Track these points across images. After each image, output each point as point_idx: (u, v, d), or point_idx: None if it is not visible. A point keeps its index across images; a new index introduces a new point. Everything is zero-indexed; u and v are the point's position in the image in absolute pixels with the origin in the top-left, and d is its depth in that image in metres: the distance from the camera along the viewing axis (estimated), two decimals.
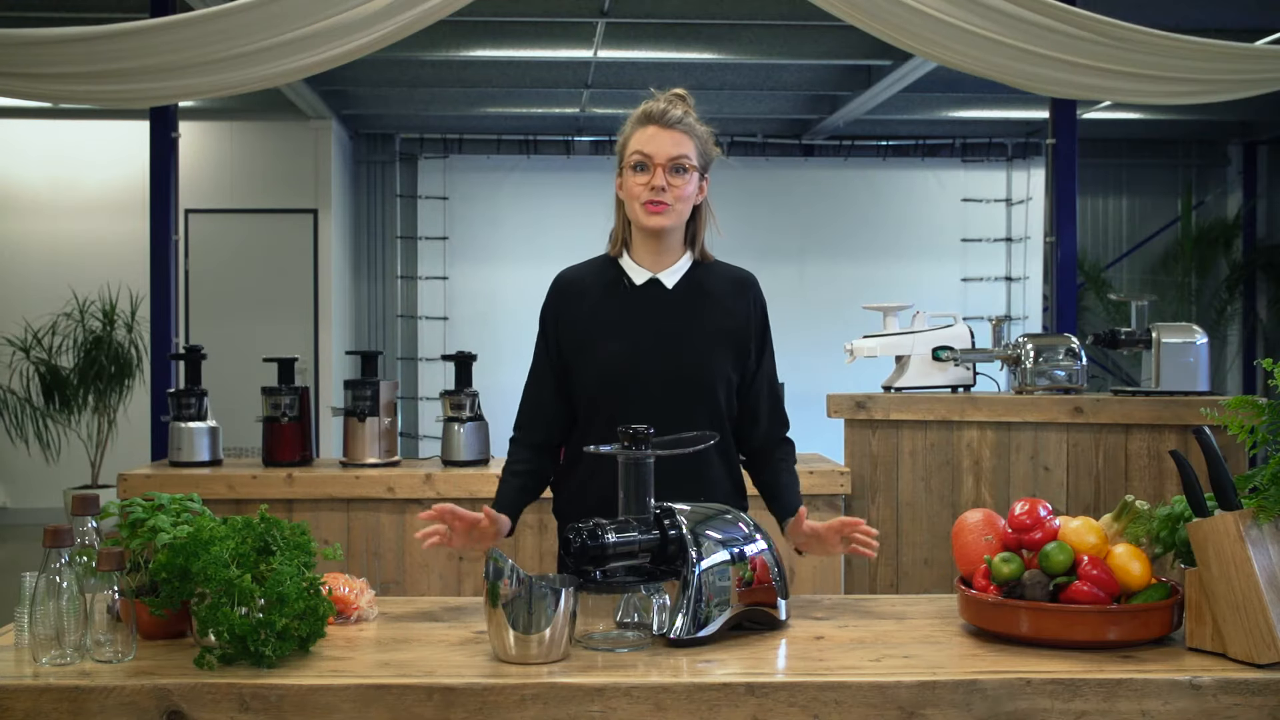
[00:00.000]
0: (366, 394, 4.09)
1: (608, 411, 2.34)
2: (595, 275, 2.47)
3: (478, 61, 8.29)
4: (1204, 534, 1.84)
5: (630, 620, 2.00)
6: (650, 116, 2.40)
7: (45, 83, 4.51)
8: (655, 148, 2.36)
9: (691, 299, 2.42)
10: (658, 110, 2.40)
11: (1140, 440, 4.04)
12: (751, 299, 2.49)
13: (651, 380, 2.36)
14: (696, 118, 2.44)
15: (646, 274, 2.43)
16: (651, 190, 2.36)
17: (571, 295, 2.46)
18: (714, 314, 2.42)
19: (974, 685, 1.74)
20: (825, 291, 10.51)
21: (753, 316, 2.47)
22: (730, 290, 2.46)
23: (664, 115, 2.38)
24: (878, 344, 4.34)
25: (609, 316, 2.41)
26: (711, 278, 2.47)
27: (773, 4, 7.09)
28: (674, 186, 2.36)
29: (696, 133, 2.41)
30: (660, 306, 2.41)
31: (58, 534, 1.81)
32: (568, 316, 2.44)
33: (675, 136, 2.38)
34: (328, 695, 1.71)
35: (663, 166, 2.36)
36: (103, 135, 9.19)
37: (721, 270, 2.50)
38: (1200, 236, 10.57)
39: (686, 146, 2.38)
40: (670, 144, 2.37)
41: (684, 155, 2.37)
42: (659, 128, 2.38)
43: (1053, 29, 4.41)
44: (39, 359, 7.78)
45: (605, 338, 2.39)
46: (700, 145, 2.41)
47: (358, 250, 10.53)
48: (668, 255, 2.44)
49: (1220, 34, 5.34)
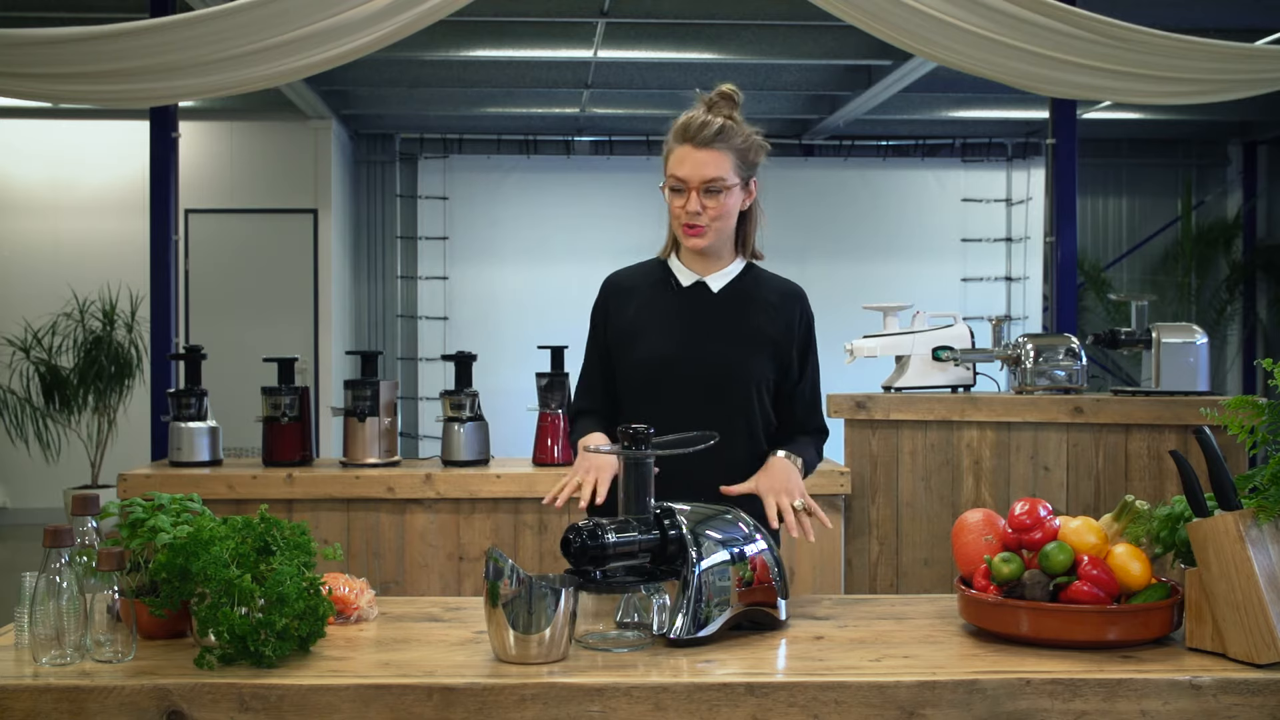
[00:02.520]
0: (366, 394, 4.09)
1: (645, 408, 2.35)
2: (645, 276, 2.50)
3: (478, 61, 8.30)
4: (1204, 534, 1.84)
5: (630, 620, 2.00)
6: (686, 132, 2.35)
7: (45, 83, 4.51)
8: (688, 170, 2.33)
9: (736, 303, 2.43)
10: (694, 126, 2.34)
11: (1140, 440, 4.03)
12: (799, 311, 2.49)
13: (687, 379, 2.37)
14: (740, 120, 2.38)
15: (694, 276, 2.45)
16: (688, 214, 2.35)
17: (621, 294, 2.49)
18: (756, 319, 2.43)
19: (974, 685, 1.74)
20: (825, 291, 10.40)
21: (796, 328, 2.48)
22: (776, 300, 2.47)
23: (698, 133, 2.33)
24: (878, 344, 4.34)
25: (652, 314, 2.43)
26: (759, 286, 2.48)
27: (773, 4, 7.09)
28: (709, 208, 2.35)
29: (734, 145, 2.35)
30: (703, 308, 2.42)
31: (58, 534, 1.81)
32: (616, 313, 2.47)
33: (709, 156, 2.33)
34: (328, 695, 1.71)
35: (696, 190, 2.33)
36: (103, 135, 9.19)
37: (771, 281, 2.51)
38: (1200, 236, 10.57)
39: (721, 165, 2.34)
40: (704, 166, 2.32)
41: (718, 177, 2.33)
42: (692, 147, 2.33)
43: (1053, 29, 4.41)
44: (39, 359, 7.78)
45: (647, 334, 2.41)
46: (739, 157, 2.36)
47: (358, 250, 10.53)
48: (717, 261, 2.46)
49: (1220, 34, 5.34)
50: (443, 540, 3.98)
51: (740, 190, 2.39)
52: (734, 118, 2.38)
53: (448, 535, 3.98)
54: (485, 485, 3.95)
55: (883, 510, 4.17)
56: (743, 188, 2.40)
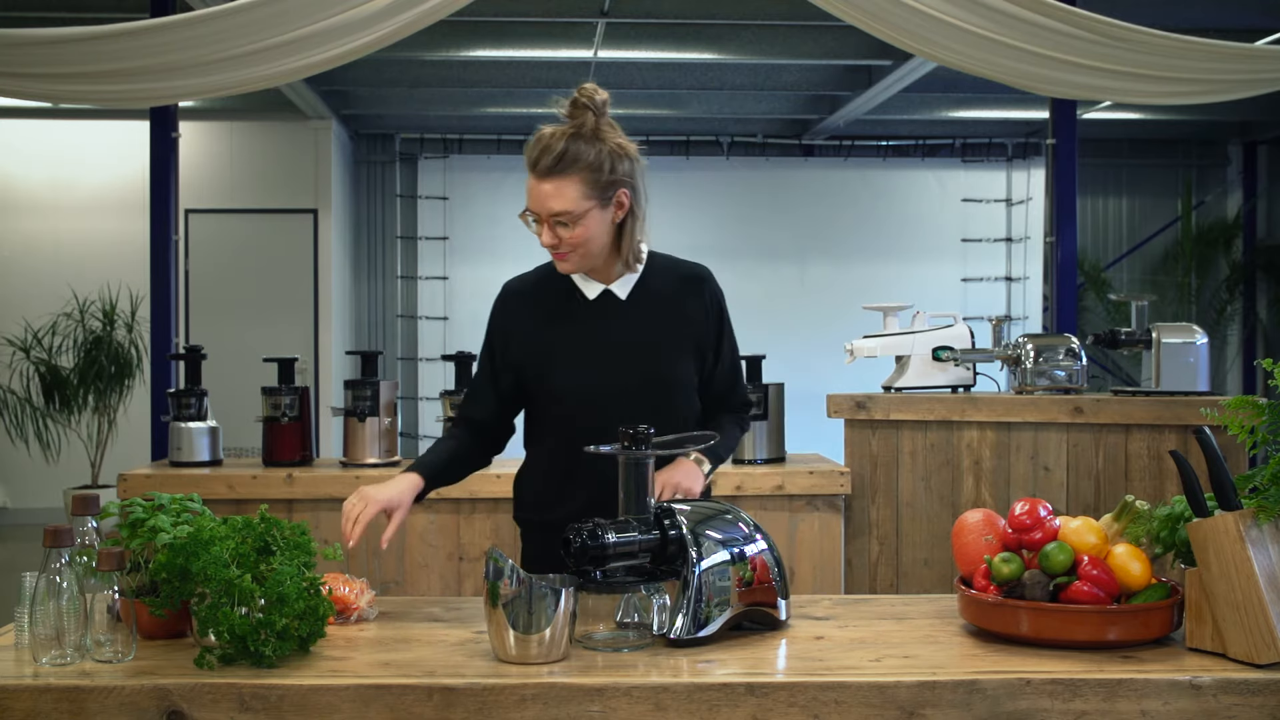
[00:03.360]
0: (366, 394, 4.09)
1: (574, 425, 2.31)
2: (545, 286, 2.38)
3: (478, 61, 8.30)
4: (1204, 534, 1.84)
5: (630, 620, 2.00)
6: (529, 160, 2.21)
7: (45, 83, 4.51)
8: (534, 203, 2.22)
9: (647, 307, 2.35)
10: (534, 154, 2.20)
11: (1140, 440, 4.03)
12: (707, 295, 2.41)
13: (616, 394, 2.30)
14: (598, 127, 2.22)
15: (599, 286, 2.35)
16: (546, 245, 2.26)
17: (522, 309, 2.39)
18: (671, 319, 2.36)
19: (974, 685, 1.74)
20: (825, 291, 10.51)
21: (710, 312, 2.40)
22: (684, 289, 2.39)
23: (537, 162, 2.19)
24: (878, 344, 4.34)
25: (565, 333, 2.34)
26: (664, 279, 2.38)
27: (773, 4, 7.09)
28: (565, 239, 2.23)
29: (583, 165, 2.19)
30: (616, 320, 2.34)
31: (58, 534, 1.81)
32: (520, 332, 2.37)
33: (551, 188, 2.19)
34: (328, 695, 1.71)
35: (547, 223, 2.22)
36: (103, 135, 9.19)
37: (674, 268, 2.41)
38: (1200, 236, 10.57)
39: (566, 196, 2.18)
40: (547, 199, 2.20)
41: (564, 211, 2.19)
42: (535, 179, 2.21)
43: (1053, 29, 4.41)
44: (39, 359, 7.78)
45: (565, 356, 2.33)
46: (590, 178, 2.19)
47: (358, 250, 10.54)
48: (609, 270, 2.35)
49: (1220, 34, 5.34)
50: (443, 540, 3.98)
51: (600, 211, 2.22)
52: (584, 130, 2.21)
53: (448, 535, 3.98)
54: (485, 485, 3.95)
55: (883, 510, 4.17)
56: (603, 207, 2.23)
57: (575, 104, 2.24)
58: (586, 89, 2.25)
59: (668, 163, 10.51)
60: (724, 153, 10.67)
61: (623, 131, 2.30)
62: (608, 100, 2.26)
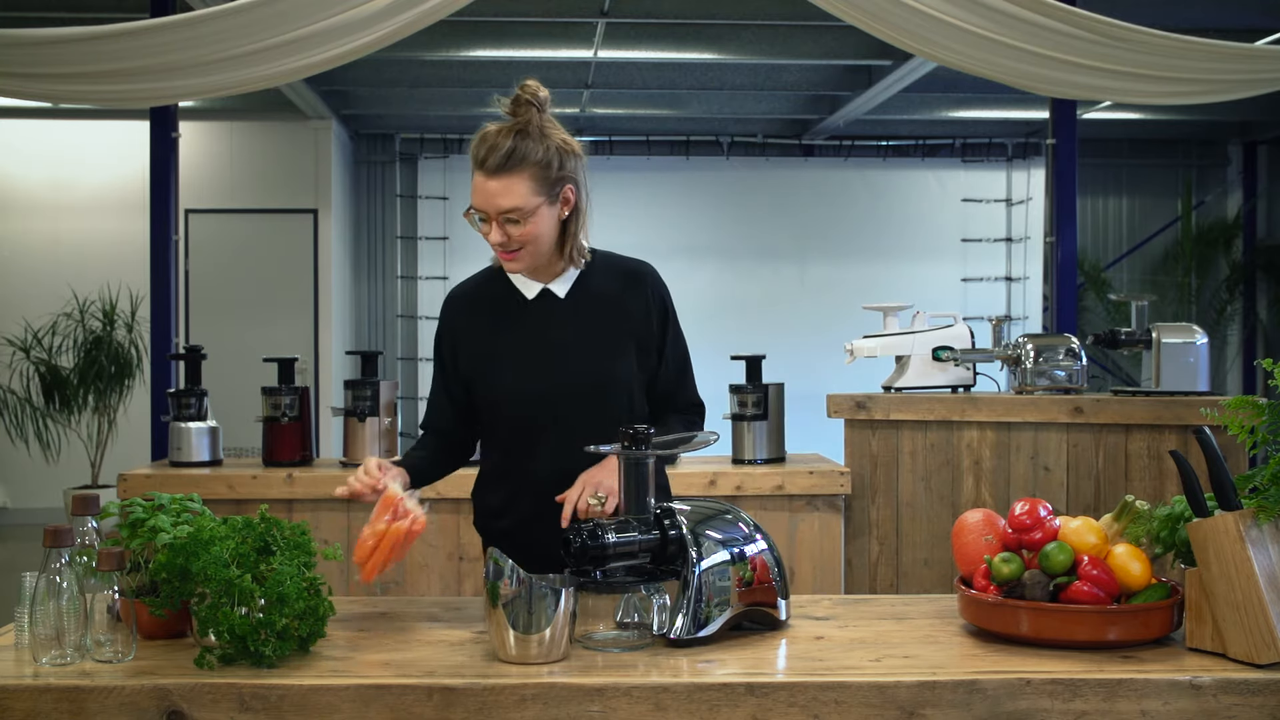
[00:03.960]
0: (366, 394, 4.10)
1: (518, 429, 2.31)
2: (486, 291, 2.38)
3: (478, 61, 8.30)
4: (1204, 534, 1.84)
5: (630, 620, 2.00)
6: (476, 158, 2.19)
7: (45, 83, 4.51)
8: (482, 201, 2.20)
9: (586, 306, 2.33)
10: (481, 152, 2.18)
11: (1140, 440, 4.03)
12: (649, 291, 2.38)
13: (557, 396, 2.29)
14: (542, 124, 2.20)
15: (537, 286, 2.34)
16: (495, 244, 2.23)
17: (464, 316, 2.38)
18: (611, 317, 2.34)
19: (974, 685, 1.74)
20: (825, 291, 10.52)
21: (653, 308, 2.38)
22: (625, 286, 2.36)
23: (485, 160, 2.18)
24: (878, 344, 4.34)
25: (505, 337, 2.33)
26: (605, 276, 2.36)
27: (773, 4, 7.09)
28: (515, 236, 2.21)
29: (531, 163, 2.18)
30: (555, 319, 2.32)
31: (58, 534, 1.81)
32: (465, 339, 2.36)
33: (500, 186, 2.17)
34: (328, 695, 1.71)
35: (496, 221, 2.20)
36: (103, 135, 9.19)
37: (615, 265, 2.39)
38: (1200, 236, 10.57)
39: (515, 193, 2.17)
40: (496, 196, 2.18)
41: (514, 208, 2.18)
42: (483, 176, 2.18)
43: (1053, 29, 4.41)
44: (39, 359, 7.78)
45: (505, 359, 2.32)
46: (539, 175, 2.19)
47: (358, 250, 10.54)
48: (549, 269, 2.33)
49: (1220, 34, 5.34)
50: (443, 540, 3.98)
51: (548, 208, 2.22)
52: (530, 127, 2.19)
53: (448, 535, 3.99)
54: None
55: (883, 510, 4.17)
56: (551, 204, 2.23)
57: (518, 101, 2.22)
58: (529, 86, 2.22)
59: (668, 163, 10.52)
60: (724, 153, 10.67)
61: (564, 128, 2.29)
62: (549, 98, 2.25)
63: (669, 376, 2.42)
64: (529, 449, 2.30)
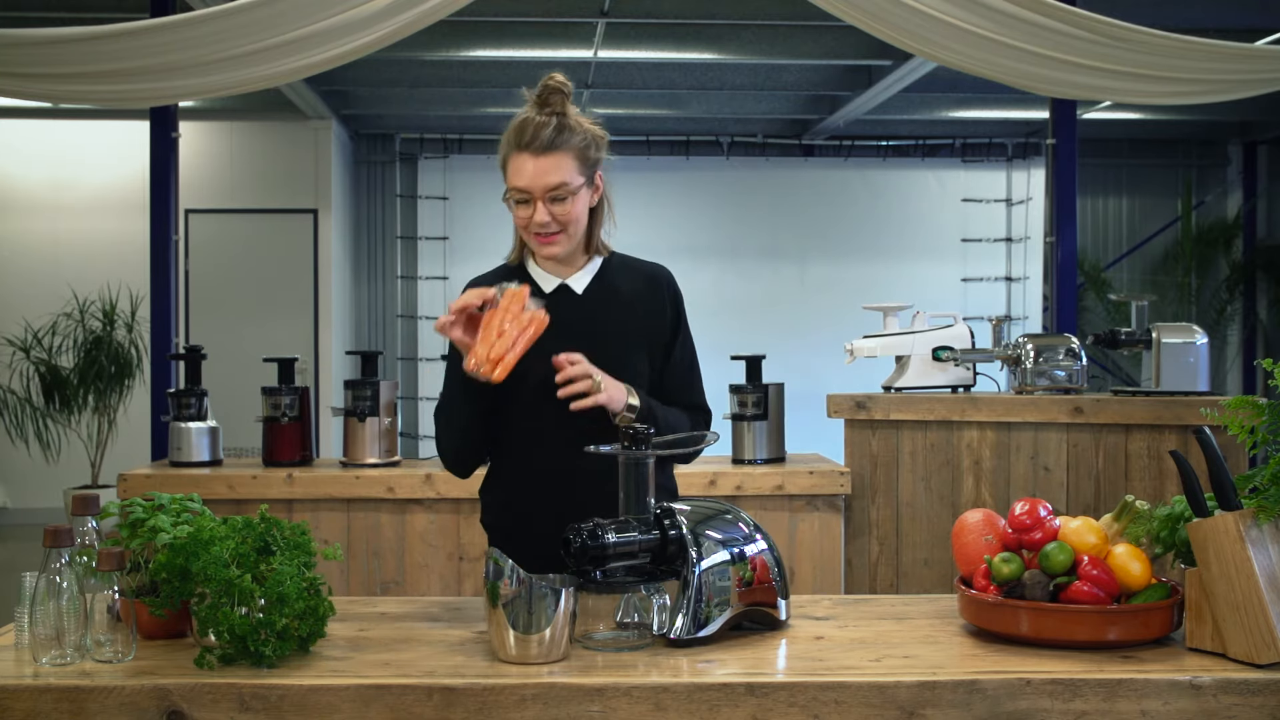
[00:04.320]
0: (366, 394, 4.10)
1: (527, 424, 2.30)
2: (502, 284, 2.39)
3: (478, 61, 8.30)
4: (1204, 534, 1.84)
5: (630, 620, 2.00)
6: (521, 139, 2.25)
7: (45, 83, 4.51)
8: (529, 180, 2.24)
9: (603, 302, 2.36)
10: (528, 132, 2.24)
11: (1140, 440, 4.03)
12: (666, 294, 2.41)
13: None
14: (577, 114, 2.28)
15: (555, 280, 2.36)
16: (538, 225, 2.27)
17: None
18: (626, 315, 2.36)
19: (974, 685, 1.74)
20: (825, 291, 10.52)
21: (667, 312, 2.40)
22: (642, 287, 2.39)
23: (533, 140, 2.23)
24: (878, 344, 4.34)
25: None
26: (622, 276, 2.39)
27: (773, 4, 7.09)
28: (558, 215, 2.26)
29: (574, 143, 2.25)
30: (571, 313, 2.33)
31: (58, 534, 1.81)
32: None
33: (549, 162, 2.23)
34: (328, 695, 1.71)
35: (542, 200, 2.24)
36: (103, 135, 9.19)
37: (633, 266, 2.43)
38: (1200, 236, 10.57)
39: (563, 170, 2.24)
40: (545, 174, 2.23)
41: (561, 183, 2.24)
42: (530, 155, 2.24)
43: (1053, 29, 4.41)
44: (39, 359, 7.78)
45: None
46: (581, 155, 2.26)
47: (358, 250, 10.54)
48: (572, 260, 2.37)
49: (1220, 34, 5.34)
50: (443, 540, 3.98)
51: (585, 190, 2.29)
52: (568, 113, 2.27)
53: (448, 535, 3.99)
54: None
55: (883, 510, 4.17)
56: (588, 186, 2.30)
57: (550, 91, 2.28)
58: (557, 78, 2.29)
59: (668, 163, 10.51)
60: (724, 153, 10.67)
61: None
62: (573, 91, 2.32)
63: (676, 379, 2.43)
64: (537, 441, 2.29)
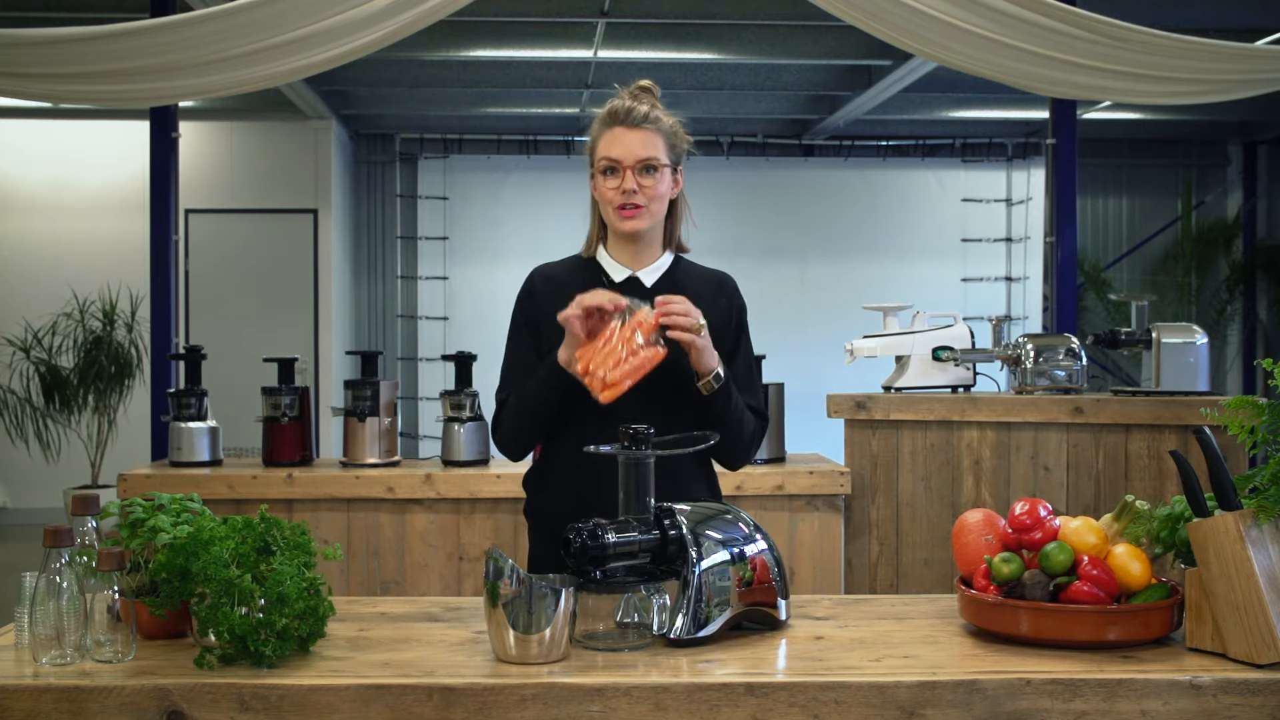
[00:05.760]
0: (366, 394, 4.09)
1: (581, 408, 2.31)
2: (573, 273, 2.45)
3: (478, 61, 8.30)
4: (1204, 534, 1.84)
5: (630, 620, 2.00)
6: (615, 117, 2.36)
7: (45, 83, 4.51)
8: (622, 150, 2.34)
9: None
10: (623, 109, 2.36)
11: (1140, 440, 4.04)
12: (729, 299, 2.47)
13: None
14: (664, 110, 2.40)
15: (626, 271, 2.42)
16: (623, 194, 2.34)
17: (551, 287, 2.43)
18: None
19: (974, 685, 1.74)
20: (825, 291, 10.51)
21: (731, 316, 2.46)
22: (708, 290, 2.45)
23: (629, 114, 2.35)
24: (878, 344, 4.34)
25: None
26: (690, 278, 2.46)
27: (773, 4, 7.09)
28: (645, 188, 2.35)
29: (664, 128, 2.37)
30: None
31: (58, 534, 1.81)
32: (548, 313, 2.38)
33: (642, 136, 2.35)
34: (328, 695, 1.71)
35: (632, 169, 2.34)
36: (103, 135, 9.19)
37: (700, 272, 2.50)
38: (1200, 236, 10.57)
39: (655, 145, 2.35)
40: (638, 145, 2.34)
41: (652, 156, 2.35)
42: (625, 128, 2.35)
43: (1053, 29, 4.41)
44: (39, 359, 7.78)
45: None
46: (669, 141, 2.38)
47: (358, 250, 10.54)
48: (646, 254, 2.44)
49: (1220, 34, 5.34)
50: (443, 540, 3.98)
51: (670, 174, 2.39)
52: (658, 107, 2.39)
53: (448, 535, 3.99)
54: (485, 485, 3.95)
55: (883, 510, 4.17)
56: (672, 172, 2.40)
57: (643, 90, 2.40)
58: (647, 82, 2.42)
59: None
60: (724, 153, 10.67)
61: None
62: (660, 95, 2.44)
63: (737, 382, 2.43)
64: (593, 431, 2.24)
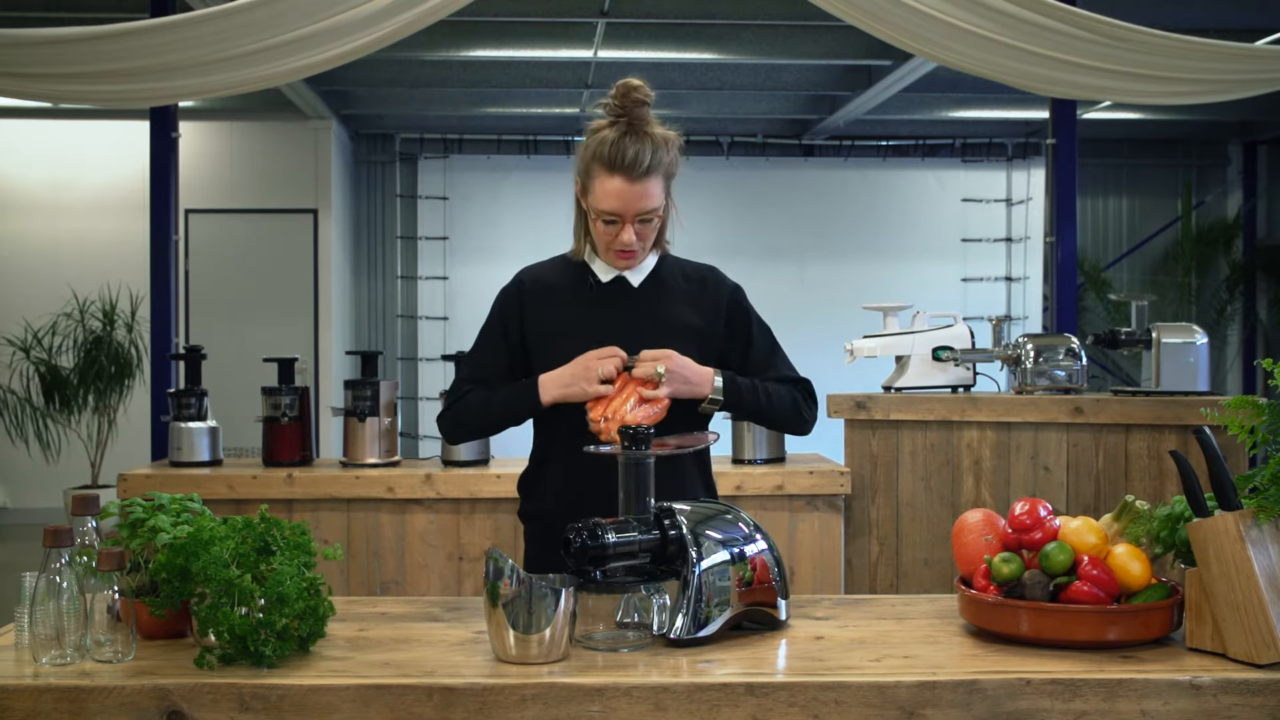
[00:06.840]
0: (366, 394, 4.09)
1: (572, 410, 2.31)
2: (560, 273, 2.44)
3: (478, 61, 8.30)
4: (1204, 534, 1.84)
5: (630, 620, 2.00)
6: (616, 165, 2.25)
7: (45, 83, 4.51)
8: (623, 206, 2.27)
9: (655, 297, 2.40)
10: (626, 159, 2.24)
11: (1140, 440, 4.03)
12: (714, 292, 2.45)
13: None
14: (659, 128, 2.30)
15: (614, 272, 2.41)
16: (622, 244, 2.31)
17: (539, 289, 2.43)
18: (678, 310, 2.40)
19: (974, 685, 1.74)
20: (825, 291, 10.51)
21: (720, 307, 2.45)
22: (693, 287, 2.44)
23: (633, 167, 2.24)
24: (878, 344, 4.34)
25: (576, 313, 2.39)
26: (675, 275, 2.45)
27: (773, 4, 7.09)
28: (642, 235, 2.32)
29: (663, 165, 2.28)
30: (625, 304, 2.39)
31: (58, 534, 1.81)
32: (533, 308, 2.41)
33: (644, 189, 2.26)
34: (328, 695, 1.71)
35: (631, 222, 2.29)
36: (103, 135, 9.19)
37: (685, 268, 2.48)
38: (1200, 236, 10.57)
39: (654, 193, 2.28)
40: (639, 200, 2.27)
41: (654, 209, 2.29)
42: (626, 181, 2.25)
43: (1053, 29, 4.41)
44: (39, 359, 7.78)
45: (570, 337, 2.35)
46: (667, 173, 2.31)
47: (358, 250, 10.54)
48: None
49: (1220, 34, 5.34)
50: (443, 540, 3.98)
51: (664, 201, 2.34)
52: (648, 128, 2.28)
53: (448, 535, 3.99)
54: (485, 485, 3.95)
55: (883, 510, 4.17)
56: (667, 198, 2.35)
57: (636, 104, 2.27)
58: (639, 88, 2.27)
59: None
60: (724, 153, 10.67)
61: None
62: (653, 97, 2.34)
63: (760, 361, 2.47)
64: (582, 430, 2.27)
